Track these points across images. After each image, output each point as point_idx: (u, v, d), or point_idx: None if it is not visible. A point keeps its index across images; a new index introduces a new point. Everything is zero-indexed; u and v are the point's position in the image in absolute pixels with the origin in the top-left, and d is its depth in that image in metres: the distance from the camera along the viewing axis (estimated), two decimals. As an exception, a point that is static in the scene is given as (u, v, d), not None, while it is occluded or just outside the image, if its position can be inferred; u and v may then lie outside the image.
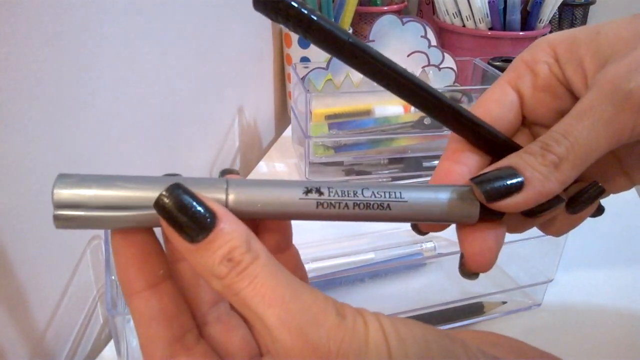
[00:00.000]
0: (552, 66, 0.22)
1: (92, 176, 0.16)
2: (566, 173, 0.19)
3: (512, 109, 0.23)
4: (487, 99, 0.23)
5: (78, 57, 0.35)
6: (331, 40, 0.18)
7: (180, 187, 0.16)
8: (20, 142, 0.31)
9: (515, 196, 0.18)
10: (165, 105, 0.48)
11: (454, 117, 0.21)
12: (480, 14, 0.77)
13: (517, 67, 0.23)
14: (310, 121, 0.55)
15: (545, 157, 0.19)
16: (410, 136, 0.58)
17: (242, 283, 0.15)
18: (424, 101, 0.20)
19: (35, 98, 0.32)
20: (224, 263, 0.15)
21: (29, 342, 0.34)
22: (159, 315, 0.17)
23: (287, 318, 0.15)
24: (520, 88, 0.23)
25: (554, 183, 0.19)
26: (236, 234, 0.16)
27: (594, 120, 0.19)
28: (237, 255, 0.15)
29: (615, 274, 0.47)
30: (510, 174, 0.19)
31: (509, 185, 0.18)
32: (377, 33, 0.59)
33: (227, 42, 0.60)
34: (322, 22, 0.17)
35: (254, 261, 0.16)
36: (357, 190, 0.18)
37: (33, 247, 0.33)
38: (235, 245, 0.16)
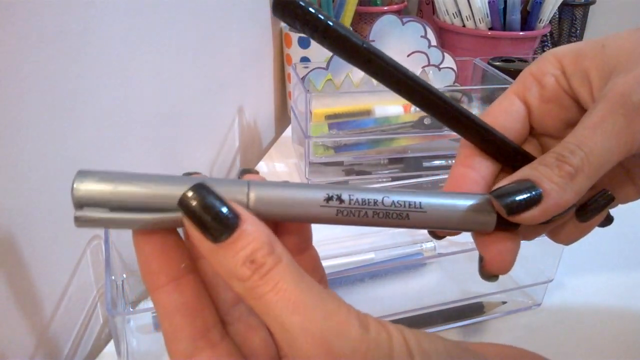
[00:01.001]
0: (559, 78, 0.23)
1: (113, 173, 0.16)
2: (581, 183, 0.19)
3: (520, 119, 0.23)
4: (495, 110, 0.24)
5: (78, 57, 0.35)
6: (346, 45, 0.18)
7: (205, 187, 0.16)
8: (20, 142, 0.31)
9: (535, 209, 0.19)
10: (165, 105, 0.48)
11: (467, 124, 0.22)
12: (480, 14, 0.77)
13: (525, 79, 0.24)
14: (310, 121, 0.55)
15: (561, 168, 0.19)
16: (410, 136, 0.58)
17: (265, 287, 0.15)
18: (437, 108, 0.21)
19: (36, 98, 0.32)
20: (247, 265, 0.15)
21: (29, 342, 0.34)
22: (182, 308, 0.17)
23: (310, 326, 0.15)
24: (528, 99, 0.23)
25: (570, 194, 0.19)
26: (259, 236, 0.16)
27: (606, 131, 0.19)
28: (259, 257, 0.15)
29: (616, 274, 0.47)
30: (528, 187, 0.19)
31: (528, 198, 0.19)
32: (377, 33, 0.59)
33: (227, 42, 0.60)
34: (337, 28, 0.18)
35: (277, 264, 0.16)
36: (378, 199, 0.18)
37: (33, 247, 0.33)
38: (258, 247, 0.15)
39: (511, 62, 0.66)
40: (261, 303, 0.15)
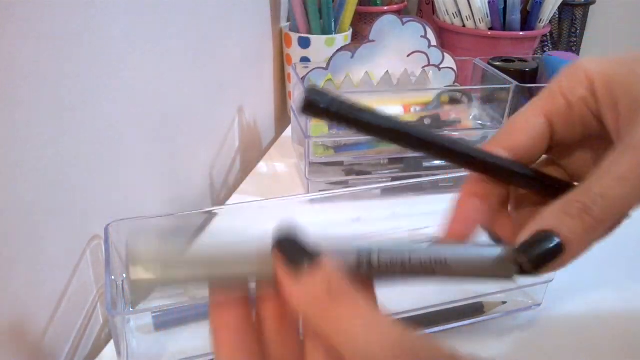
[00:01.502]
0: (588, 100, 0.22)
1: (174, 254, 0.19)
2: (600, 234, 0.20)
3: (543, 138, 0.23)
4: (518, 128, 0.23)
5: (78, 57, 0.35)
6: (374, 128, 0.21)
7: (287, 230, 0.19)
8: (21, 142, 0.31)
9: (556, 261, 0.19)
10: (165, 105, 0.48)
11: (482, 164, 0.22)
12: (480, 14, 0.77)
13: (553, 97, 0.23)
14: (310, 121, 0.55)
15: (584, 220, 0.19)
16: (410, 136, 0.58)
17: (341, 309, 0.17)
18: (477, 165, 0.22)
19: (36, 98, 0.32)
20: (325, 288, 0.17)
21: (29, 342, 0.34)
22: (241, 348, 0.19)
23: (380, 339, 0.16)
24: (553, 118, 0.23)
25: (588, 244, 0.20)
26: (335, 271, 0.18)
27: (633, 185, 0.19)
28: (337, 287, 0.17)
29: (616, 274, 0.47)
30: (551, 239, 0.19)
31: (551, 252, 0.19)
32: (377, 33, 0.59)
33: (228, 42, 0.60)
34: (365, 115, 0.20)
35: (353, 291, 0.17)
36: (405, 258, 0.20)
37: (33, 247, 0.33)
38: (338, 278, 0.18)
39: (511, 62, 0.66)
40: (333, 325, 0.17)
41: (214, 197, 0.62)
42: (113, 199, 0.41)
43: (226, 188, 0.66)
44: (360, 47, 0.59)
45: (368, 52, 0.60)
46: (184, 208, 0.54)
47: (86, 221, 0.39)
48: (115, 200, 0.42)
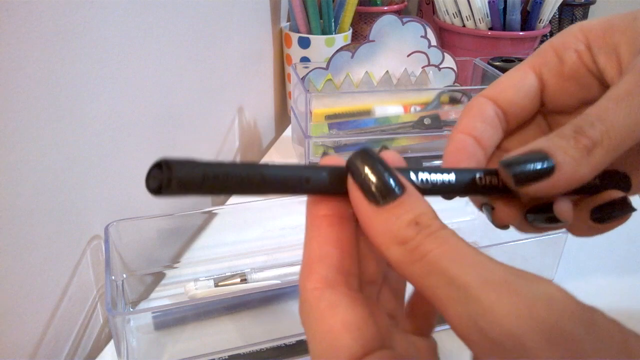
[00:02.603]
0: (583, 54, 0.21)
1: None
2: (599, 158, 0.18)
3: (530, 95, 0.22)
4: (505, 82, 0.22)
5: (78, 57, 0.35)
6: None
7: (373, 152, 0.16)
8: (21, 142, 0.31)
9: (545, 181, 0.18)
10: (165, 105, 0.48)
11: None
12: (480, 14, 0.77)
13: (545, 52, 0.22)
14: (310, 121, 0.55)
15: (578, 140, 0.18)
16: (410, 136, 0.58)
17: (431, 245, 0.14)
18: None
19: (36, 98, 0.32)
20: (411, 226, 0.15)
21: (29, 342, 0.34)
22: (336, 241, 0.17)
23: (489, 276, 0.13)
24: (544, 74, 0.22)
25: (586, 168, 0.18)
26: (424, 203, 0.16)
27: (632, 105, 0.18)
28: (425, 220, 0.15)
29: (616, 274, 0.47)
30: (540, 158, 0.18)
31: (538, 170, 0.18)
32: (377, 33, 0.59)
33: (227, 42, 0.60)
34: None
35: (443, 228, 0.15)
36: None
37: (33, 247, 0.33)
38: (424, 211, 0.15)
39: (511, 62, 0.66)
40: (423, 262, 0.14)
41: (214, 197, 0.62)
42: (113, 199, 0.41)
43: (226, 188, 0.66)
44: (360, 47, 0.59)
45: (368, 52, 0.60)
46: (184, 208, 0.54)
47: (86, 221, 0.39)
48: (115, 200, 0.42)
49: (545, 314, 0.13)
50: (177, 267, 0.46)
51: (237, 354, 0.36)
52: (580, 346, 0.13)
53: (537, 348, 0.12)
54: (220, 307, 0.41)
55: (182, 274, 0.46)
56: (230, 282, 0.43)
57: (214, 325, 0.40)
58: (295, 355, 0.37)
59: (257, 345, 0.36)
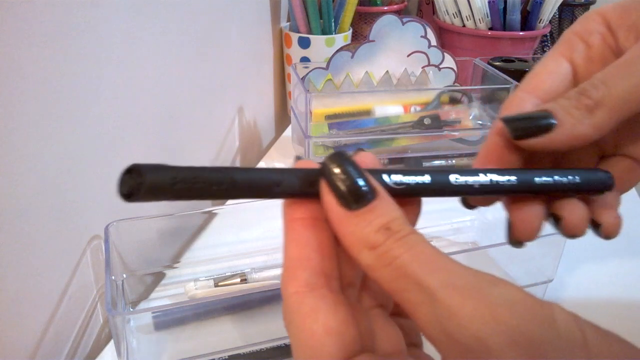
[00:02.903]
0: (605, 35, 0.22)
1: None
2: (600, 118, 0.19)
3: (565, 81, 0.22)
4: (541, 72, 0.23)
5: (78, 58, 0.35)
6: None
7: (346, 155, 0.16)
8: (21, 142, 0.31)
9: (544, 136, 0.19)
10: (166, 105, 0.48)
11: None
12: (480, 14, 0.77)
13: (569, 39, 0.23)
14: (310, 121, 0.55)
15: (580, 100, 0.19)
16: (410, 136, 0.58)
17: (400, 250, 0.15)
18: None
19: (36, 98, 0.32)
20: (381, 231, 0.15)
21: (29, 342, 0.34)
22: (315, 244, 0.17)
23: (454, 281, 0.14)
24: (574, 59, 0.22)
25: (587, 127, 0.19)
26: (395, 209, 0.16)
27: (635, 69, 0.18)
28: (395, 226, 0.15)
29: (616, 274, 0.47)
30: (542, 116, 0.19)
31: (538, 125, 0.19)
32: (377, 33, 0.59)
33: (228, 42, 0.60)
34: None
35: (413, 233, 0.15)
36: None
37: (33, 247, 0.33)
38: (394, 217, 0.16)
39: (511, 62, 0.66)
40: (393, 267, 0.15)
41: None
42: (113, 199, 0.41)
43: (226, 188, 0.66)
44: (360, 47, 0.59)
45: (368, 52, 0.60)
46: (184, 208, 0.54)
47: (86, 221, 0.39)
48: (115, 200, 0.42)
49: (508, 316, 0.13)
50: (177, 267, 0.46)
51: (237, 354, 0.36)
52: (541, 346, 0.13)
53: (501, 350, 0.13)
54: (220, 307, 0.41)
55: (182, 274, 0.46)
56: (230, 282, 0.43)
57: (214, 325, 0.40)
58: (295, 355, 0.37)
59: (257, 345, 0.36)
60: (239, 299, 0.41)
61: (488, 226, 0.51)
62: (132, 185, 0.14)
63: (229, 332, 0.40)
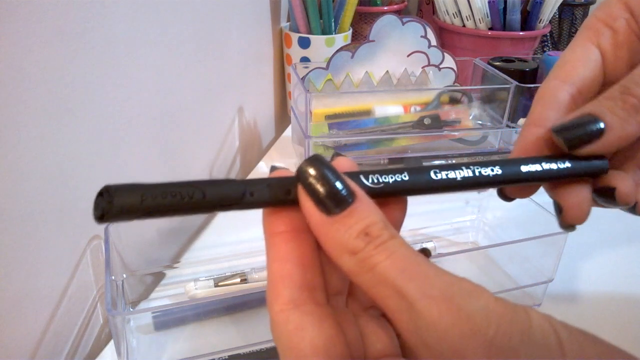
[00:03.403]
0: (629, 21, 0.22)
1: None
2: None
3: (597, 67, 0.22)
4: (571, 59, 0.22)
5: (78, 58, 0.35)
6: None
7: (322, 159, 0.16)
8: (21, 142, 0.31)
9: (597, 142, 0.19)
10: (166, 105, 0.48)
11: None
12: (480, 14, 0.77)
13: (594, 25, 0.22)
14: (310, 121, 0.55)
15: (625, 100, 0.19)
16: (410, 136, 0.58)
17: (380, 256, 0.15)
18: None
19: (36, 98, 0.32)
20: (361, 237, 0.15)
21: (29, 342, 0.34)
22: (296, 258, 0.17)
23: (431, 291, 0.14)
24: (602, 45, 0.22)
25: (635, 126, 0.19)
26: (374, 212, 0.16)
27: None
28: (375, 231, 0.15)
29: (616, 274, 0.47)
30: (590, 121, 0.19)
31: (590, 132, 0.19)
32: (377, 33, 0.59)
33: (228, 42, 0.60)
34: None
35: (392, 238, 0.15)
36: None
37: (33, 247, 0.33)
38: (374, 221, 0.15)
39: (511, 62, 0.66)
40: (373, 273, 0.15)
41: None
42: (113, 199, 0.41)
43: (226, 188, 0.66)
44: (360, 47, 0.59)
45: (368, 52, 0.60)
46: (184, 208, 0.54)
47: (86, 221, 0.39)
48: (115, 200, 0.42)
49: (484, 327, 0.13)
50: (177, 267, 0.46)
51: (237, 354, 0.36)
52: (517, 353, 0.13)
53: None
54: (220, 307, 0.41)
55: (182, 274, 0.46)
56: (230, 282, 0.43)
57: (214, 325, 0.40)
58: (295, 355, 0.37)
59: (257, 345, 0.36)
60: (239, 299, 0.41)
61: (488, 226, 0.51)
62: (104, 207, 0.14)
63: (229, 332, 0.40)
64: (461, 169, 0.19)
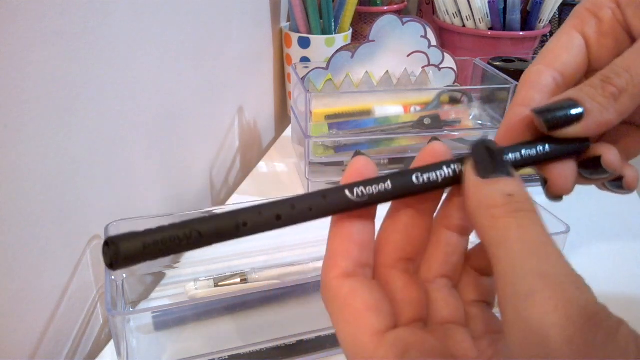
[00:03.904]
0: (615, 11, 0.23)
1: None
2: (625, 104, 0.20)
3: (581, 54, 0.23)
4: (555, 46, 0.23)
5: (78, 58, 0.35)
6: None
7: (490, 141, 0.19)
8: (21, 142, 0.31)
9: (575, 125, 0.20)
10: (166, 105, 0.48)
11: None
12: (480, 14, 0.77)
13: (581, 14, 0.23)
14: (310, 121, 0.55)
15: (605, 89, 0.20)
16: (410, 136, 0.58)
17: (512, 221, 0.16)
18: None
19: (36, 98, 0.32)
20: (504, 197, 0.17)
21: (29, 342, 0.34)
22: (357, 238, 0.19)
23: (549, 270, 0.15)
24: (587, 33, 0.23)
25: (613, 114, 0.20)
26: (524, 187, 0.17)
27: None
28: (519, 196, 0.17)
29: (615, 274, 0.47)
30: (570, 105, 0.20)
31: (569, 115, 0.20)
32: (377, 33, 0.59)
33: (228, 42, 0.60)
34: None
35: (532, 210, 0.17)
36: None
37: (33, 247, 0.33)
38: (522, 191, 0.17)
39: (511, 62, 0.66)
40: (500, 234, 0.16)
41: (214, 197, 0.62)
42: (113, 199, 0.41)
43: (226, 188, 0.66)
44: (360, 47, 0.59)
45: (368, 52, 0.60)
46: (184, 208, 0.54)
47: (86, 221, 0.39)
48: (115, 200, 0.42)
49: (578, 320, 0.15)
50: (177, 267, 0.46)
51: (237, 354, 0.36)
52: (595, 352, 0.14)
53: (559, 346, 0.14)
54: (220, 307, 0.41)
55: (182, 274, 0.46)
56: (230, 282, 0.43)
57: (214, 325, 0.40)
58: (295, 355, 0.37)
59: (257, 345, 0.36)
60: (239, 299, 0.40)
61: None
62: (112, 256, 0.16)
63: (229, 332, 0.40)
64: (442, 169, 0.20)
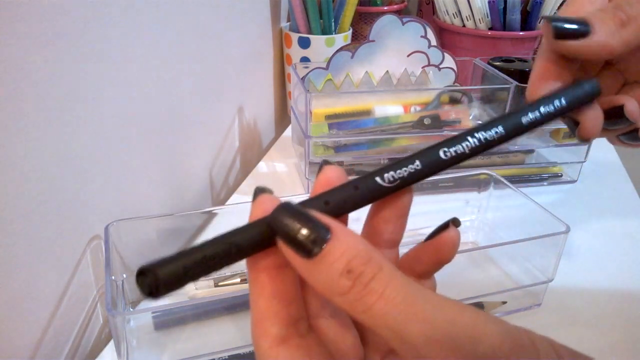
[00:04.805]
0: None
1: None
2: (630, 34, 0.21)
3: (604, 6, 0.24)
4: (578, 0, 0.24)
5: (78, 58, 0.35)
6: None
7: (289, 206, 0.16)
8: (21, 142, 0.31)
9: (580, 40, 0.21)
10: (166, 105, 0.48)
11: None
12: (480, 14, 0.77)
13: None
14: (310, 121, 0.55)
15: (615, 14, 0.21)
16: (410, 136, 0.58)
17: (371, 297, 0.14)
18: None
19: (36, 98, 0.32)
20: (345, 275, 0.14)
21: (29, 342, 0.34)
22: (281, 294, 0.17)
23: (435, 334, 0.14)
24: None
25: (617, 40, 0.20)
26: (352, 244, 0.15)
27: None
28: (356, 266, 0.15)
29: (615, 274, 0.47)
30: (580, 22, 0.21)
31: (576, 29, 0.21)
32: (377, 33, 0.59)
33: (228, 42, 0.60)
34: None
35: (379, 272, 0.15)
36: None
37: (33, 247, 0.33)
38: (353, 255, 0.15)
39: (511, 62, 0.66)
40: (370, 315, 0.14)
41: (214, 197, 0.62)
42: (113, 199, 0.41)
43: (226, 188, 0.66)
44: (360, 47, 0.59)
45: (368, 52, 0.60)
46: (184, 208, 0.54)
47: (86, 221, 0.39)
48: (115, 200, 0.42)
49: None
50: (177, 267, 0.46)
51: (237, 354, 0.36)
52: None
53: None
54: (220, 307, 0.41)
55: (182, 274, 0.46)
56: (230, 282, 0.43)
57: (214, 325, 0.40)
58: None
59: (257, 345, 0.36)
60: (239, 299, 0.40)
61: (488, 226, 0.51)
62: (151, 285, 0.15)
63: (229, 332, 0.40)
64: (467, 140, 0.19)
